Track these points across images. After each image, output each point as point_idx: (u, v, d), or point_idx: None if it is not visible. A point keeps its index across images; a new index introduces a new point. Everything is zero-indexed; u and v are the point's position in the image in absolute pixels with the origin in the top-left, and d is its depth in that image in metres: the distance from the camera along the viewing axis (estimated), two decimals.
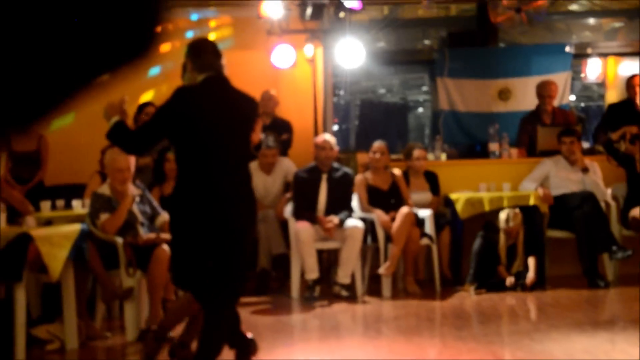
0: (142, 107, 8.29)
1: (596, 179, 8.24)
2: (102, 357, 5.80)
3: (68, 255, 5.64)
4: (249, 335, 4.75)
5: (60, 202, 7.31)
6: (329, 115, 9.73)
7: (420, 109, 14.01)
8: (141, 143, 4.56)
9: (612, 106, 9.42)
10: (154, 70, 9.19)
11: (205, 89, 4.48)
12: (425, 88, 12.70)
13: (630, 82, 9.05)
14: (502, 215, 7.63)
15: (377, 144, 8.11)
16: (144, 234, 6.27)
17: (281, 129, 8.80)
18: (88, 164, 7.70)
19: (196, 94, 4.44)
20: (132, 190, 6.33)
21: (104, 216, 6.19)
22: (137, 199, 6.36)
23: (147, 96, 8.98)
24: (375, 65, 10.60)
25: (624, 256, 7.65)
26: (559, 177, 8.23)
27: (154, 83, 9.10)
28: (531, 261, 7.59)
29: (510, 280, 7.54)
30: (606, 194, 8.23)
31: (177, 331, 5.17)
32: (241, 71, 5.11)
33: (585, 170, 8.22)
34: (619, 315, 6.74)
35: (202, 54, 4.55)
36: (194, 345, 4.72)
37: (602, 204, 8.00)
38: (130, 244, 6.15)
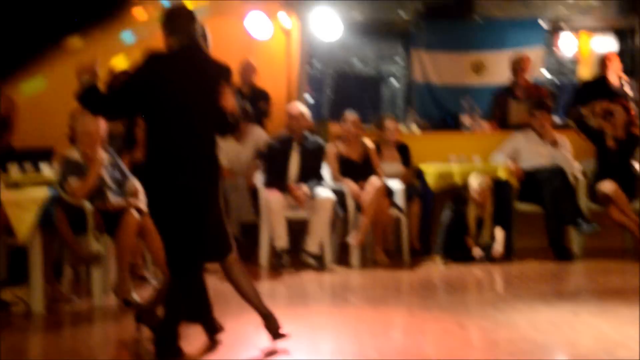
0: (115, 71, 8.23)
1: (566, 153, 8.30)
2: (68, 321, 5.79)
3: (35, 219, 5.61)
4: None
5: (28, 166, 7.26)
6: (302, 85, 9.71)
7: (394, 81, 13.98)
8: (111, 108, 4.55)
9: (586, 83, 9.47)
10: (128, 37, 9.12)
11: (173, 55, 4.47)
12: (399, 60, 12.67)
13: (603, 59, 9.09)
14: (473, 178, 7.67)
15: (350, 115, 8.11)
16: (113, 199, 6.25)
17: (259, 97, 8.80)
18: (57, 127, 7.63)
19: (162, 61, 4.43)
20: (102, 155, 6.29)
21: (73, 181, 6.16)
22: (107, 164, 6.33)
23: (118, 61, 8.90)
24: (349, 36, 10.56)
25: (590, 230, 7.74)
26: (529, 150, 8.28)
27: (127, 48, 9.02)
28: (499, 233, 7.66)
29: (477, 251, 7.61)
30: (575, 168, 8.29)
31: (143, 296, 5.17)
32: (215, 39, 5.05)
33: (555, 144, 8.27)
34: (583, 288, 6.83)
35: (174, 18, 4.53)
36: (160, 312, 4.72)
37: (571, 178, 8.07)
38: (99, 209, 6.13)
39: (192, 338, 4.79)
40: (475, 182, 7.64)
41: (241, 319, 5.43)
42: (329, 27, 9.24)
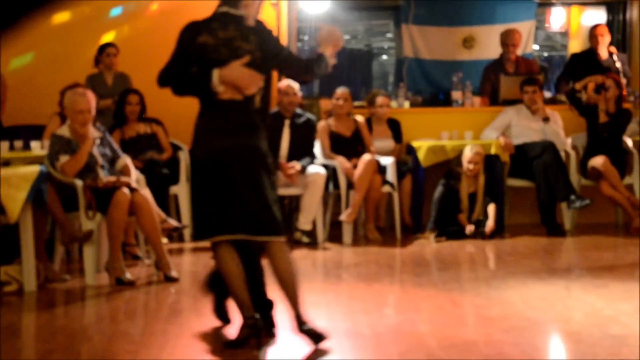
0: (103, 47, 8.17)
1: (557, 128, 8.29)
2: (60, 300, 5.77)
3: (27, 197, 5.57)
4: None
5: (18, 143, 7.21)
6: None
7: (385, 56, 13.96)
8: None
9: (575, 56, 9.45)
10: (116, 11, 9.04)
11: None
12: (390, 35, 12.61)
13: (593, 32, 9.06)
14: (467, 149, 7.67)
15: (340, 91, 8.07)
16: (104, 176, 6.21)
17: None
18: (47, 104, 7.57)
19: None
20: (93, 132, 6.24)
21: (63, 158, 6.12)
22: (98, 141, 6.29)
23: (108, 37, 8.83)
24: (339, 11, 10.49)
25: (582, 205, 7.75)
26: (520, 126, 8.27)
27: (115, 24, 8.95)
28: (491, 209, 7.67)
29: (470, 228, 7.62)
30: (566, 143, 8.29)
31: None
32: (202, 14, 5.00)
33: (546, 119, 8.26)
34: (575, 263, 6.85)
35: None
36: None
37: (562, 154, 8.08)
38: (90, 187, 6.09)
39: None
40: (468, 151, 7.64)
41: None
42: (318, 1, 9.16)
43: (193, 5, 4.55)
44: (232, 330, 4.52)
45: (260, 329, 4.29)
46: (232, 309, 4.55)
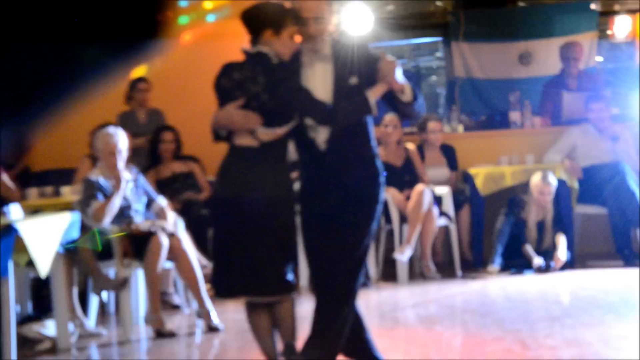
0: (135, 82, 8.25)
1: (628, 147, 8.16)
2: (95, 357, 5.75)
3: (58, 249, 5.57)
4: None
5: (48, 189, 7.27)
6: None
7: (434, 77, 13.92)
8: None
9: None
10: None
11: None
12: (439, 54, 12.58)
13: None
14: (537, 176, 7.54)
15: (389, 117, 8.02)
16: (140, 221, 6.20)
17: None
18: (77, 146, 7.64)
19: None
20: (126, 174, 6.24)
21: (96, 204, 6.11)
22: (131, 184, 6.29)
23: (139, 71, 8.91)
24: (384, 31, 10.49)
25: None
26: (588, 146, 8.15)
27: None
28: (560, 239, 7.55)
29: (537, 260, 7.49)
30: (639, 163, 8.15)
31: None
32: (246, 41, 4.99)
33: (615, 138, 8.13)
34: None
35: None
36: None
37: (635, 175, 7.93)
38: (126, 233, 6.09)
39: None
40: (540, 179, 7.52)
41: None
42: (361, 22, 9.18)
43: (226, 38, 4.51)
44: None
45: None
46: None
